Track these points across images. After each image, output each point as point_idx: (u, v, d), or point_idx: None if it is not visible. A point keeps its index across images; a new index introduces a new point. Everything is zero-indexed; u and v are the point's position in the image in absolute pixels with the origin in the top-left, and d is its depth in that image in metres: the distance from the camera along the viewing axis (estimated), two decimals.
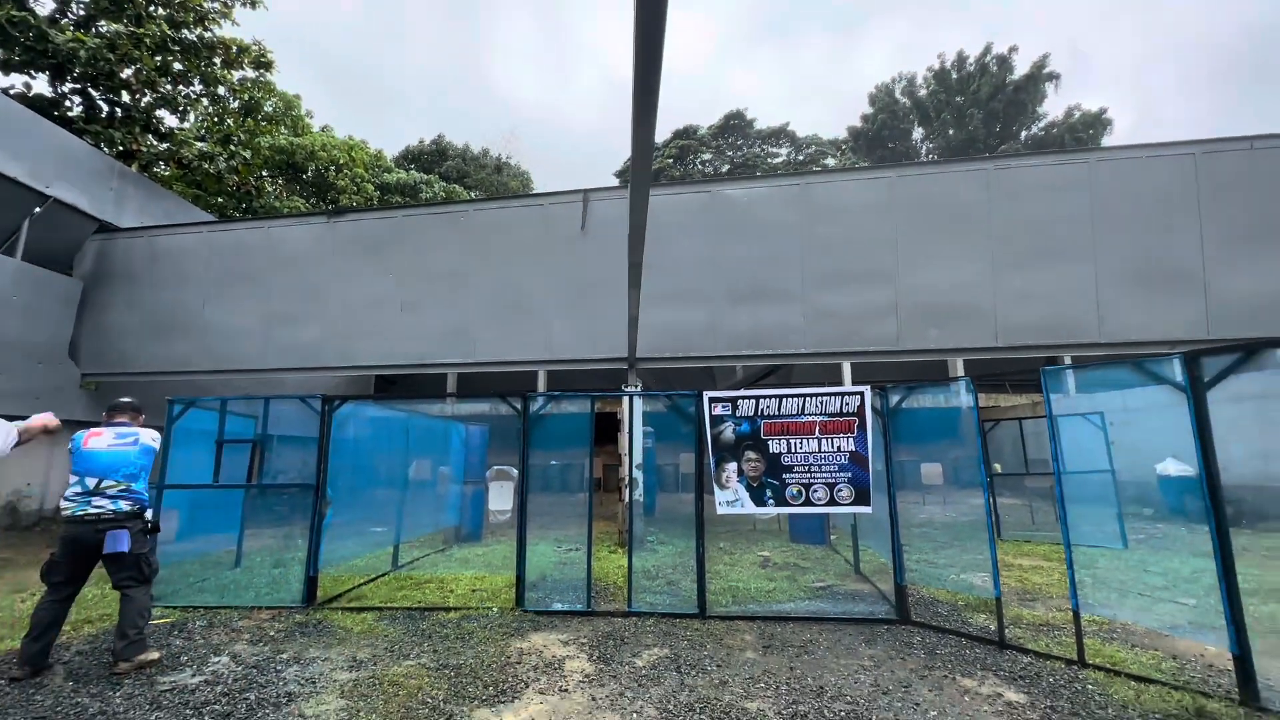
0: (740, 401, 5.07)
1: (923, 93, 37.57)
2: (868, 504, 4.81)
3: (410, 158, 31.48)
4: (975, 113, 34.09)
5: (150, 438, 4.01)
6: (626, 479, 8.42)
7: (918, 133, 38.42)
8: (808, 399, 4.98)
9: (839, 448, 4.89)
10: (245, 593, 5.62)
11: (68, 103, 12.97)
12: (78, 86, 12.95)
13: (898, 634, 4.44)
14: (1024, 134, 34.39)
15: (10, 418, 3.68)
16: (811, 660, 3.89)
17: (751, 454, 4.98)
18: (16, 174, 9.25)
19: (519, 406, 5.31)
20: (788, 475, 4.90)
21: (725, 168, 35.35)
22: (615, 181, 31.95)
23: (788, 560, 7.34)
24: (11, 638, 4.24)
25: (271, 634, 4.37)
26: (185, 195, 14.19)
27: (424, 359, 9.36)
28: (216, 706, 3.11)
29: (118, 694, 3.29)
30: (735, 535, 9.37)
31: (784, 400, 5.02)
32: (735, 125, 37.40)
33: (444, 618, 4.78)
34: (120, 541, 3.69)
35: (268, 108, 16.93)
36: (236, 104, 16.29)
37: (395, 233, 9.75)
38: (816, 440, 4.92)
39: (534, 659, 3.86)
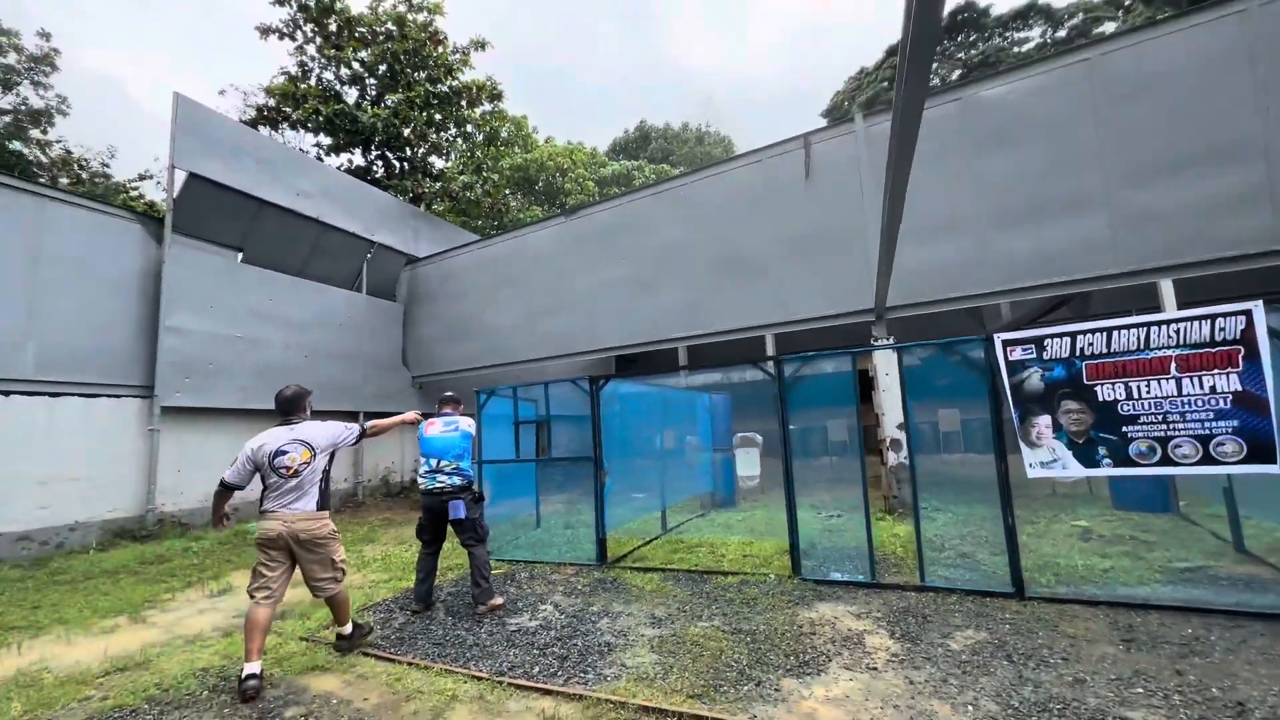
0: (1048, 342, 4.12)
1: None
2: (1272, 460, 3.51)
3: (618, 149, 33.37)
4: None
5: (467, 424, 4.83)
6: (888, 440, 7.71)
7: None
8: (1153, 328, 3.81)
9: (1212, 388, 3.65)
10: (549, 550, 6.55)
11: (373, 167, 16.64)
12: (379, 153, 16.52)
13: None
14: None
15: (369, 415, 4.71)
16: (1208, 665, 2.98)
17: (1071, 404, 4.02)
18: (355, 229, 12.11)
19: (773, 371, 5.12)
20: (1131, 428, 3.84)
21: (956, 73, 29.94)
22: (823, 123, 29.41)
23: (1117, 532, 5.91)
24: (404, 578, 5.56)
25: (579, 588, 4.97)
26: (455, 223, 17.14)
27: (660, 335, 9.79)
28: (554, 649, 3.60)
29: (482, 630, 4.04)
30: (1028, 500, 7.92)
31: (1114, 334, 3.93)
32: (965, 20, 31.36)
33: (723, 581, 4.90)
34: (458, 510, 4.52)
35: (503, 133, 19.44)
36: (481, 136, 19.02)
37: (621, 219, 10.32)
38: (1174, 381, 3.75)
39: (828, 631, 3.69)
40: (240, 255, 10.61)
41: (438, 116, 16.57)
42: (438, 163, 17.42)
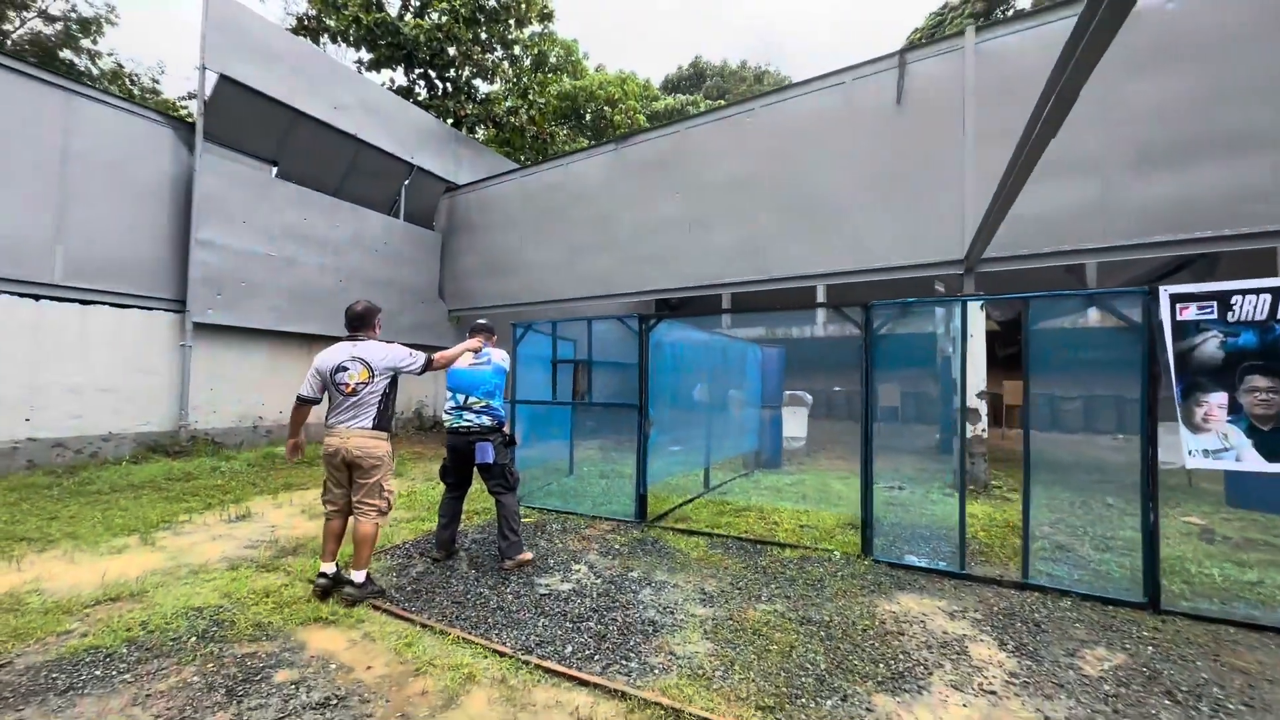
0: (1236, 299, 3.21)
1: None
2: None
3: (670, 86, 31.44)
4: None
5: (501, 358, 4.23)
6: (966, 409, 6.85)
7: None
8: None
9: None
10: (583, 500, 6.06)
11: (415, 87, 15.78)
12: (421, 72, 15.62)
13: None
14: None
15: (417, 346, 4.15)
16: None
17: (1260, 380, 3.14)
18: (394, 150, 11.46)
19: (861, 320, 4.32)
20: None
21: None
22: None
23: (1246, 535, 5.03)
24: (428, 519, 5.15)
25: (616, 547, 4.45)
26: (499, 153, 16.31)
27: (714, 279, 8.97)
28: (590, 624, 3.07)
29: (508, 589, 3.55)
30: (1116, 487, 7.01)
31: None
32: None
33: (780, 555, 4.30)
34: (486, 453, 3.98)
35: (552, 57, 18.20)
36: (529, 60, 17.84)
37: (678, 150, 9.35)
38: None
39: (918, 631, 3.05)
40: (274, 170, 10.12)
41: (484, 35, 15.48)
42: (482, 86, 16.46)
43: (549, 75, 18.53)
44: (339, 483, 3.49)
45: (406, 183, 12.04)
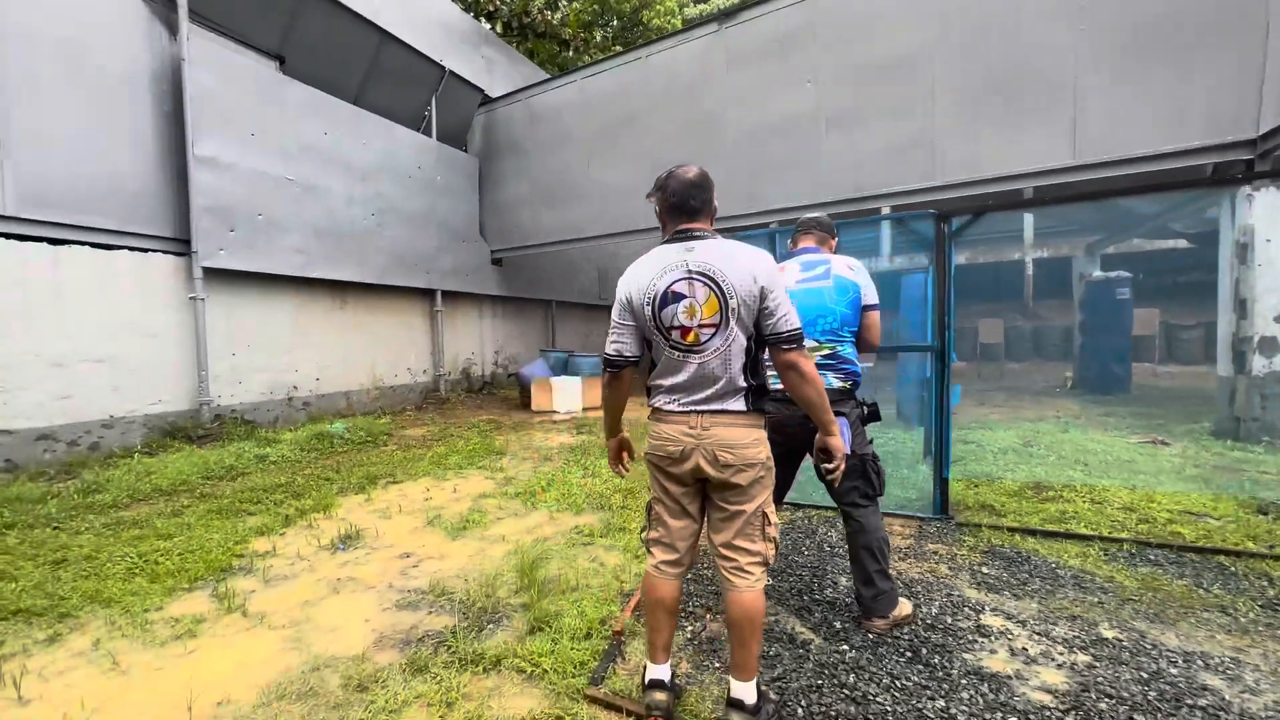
0: None
1: None
2: None
3: None
4: None
5: (848, 269, 2.43)
6: (1255, 339, 5.27)
7: None
8: None
9: None
10: (819, 486, 4.42)
11: None
12: None
13: None
14: None
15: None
16: None
17: None
18: (423, 48, 9.15)
19: None
20: None
21: None
22: None
23: None
24: (625, 530, 3.47)
25: (971, 565, 2.83)
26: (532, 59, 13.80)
27: (864, 190, 7.11)
28: None
29: (956, 698, 1.91)
30: None
31: None
32: None
33: (1235, 566, 2.72)
34: (842, 433, 2.25)
35: None
36: None
37: (807, 23, 7.27)
38: None
39: None
40: (278, 65, 7.83)
41: None
42: None
43: None
44: (681, 508, 1.82)
45: (438, 92, 9.76)
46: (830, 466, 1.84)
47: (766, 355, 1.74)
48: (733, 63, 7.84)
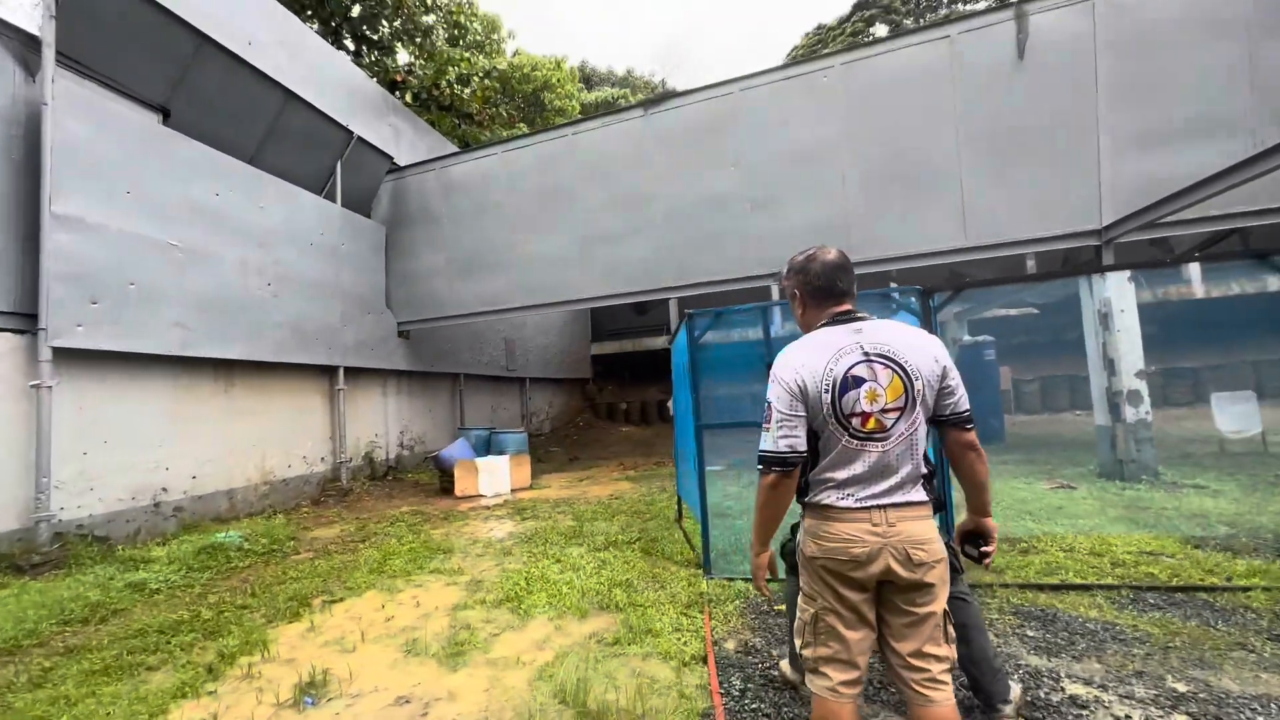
0: None
1: None
2: None
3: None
4: None
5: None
6: (1124, 392, 6.24)
7: None
8: None
9: None
10: None
11: (341, 34, 12.31)
12: (339, 21, 12.26)
13: None
14: None
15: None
16: None
17: None
18: (330, 110, 8.60)
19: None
20: None
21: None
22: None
23: None
24: (649, 640, 3.13)
25: (1003, 628, 2.88)
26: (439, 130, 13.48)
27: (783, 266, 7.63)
28: None
29: None
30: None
31: None
32: None
33: (1215, 600, 3.05)
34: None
35: (472, 33, 15.75)
36: (444, 34, 15.26)
37: (730, 114, 7.90)
38: None
39: None
40: (162, 118, 6.88)
41: None
42: (402, 56, 13.53)
43: (464, 54, 16.02)
44: (859, 617, 1.61)
45: (344, 157, 9.14)
46: (990, 549, 1.77)
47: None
48: (660, 143, 8.25)
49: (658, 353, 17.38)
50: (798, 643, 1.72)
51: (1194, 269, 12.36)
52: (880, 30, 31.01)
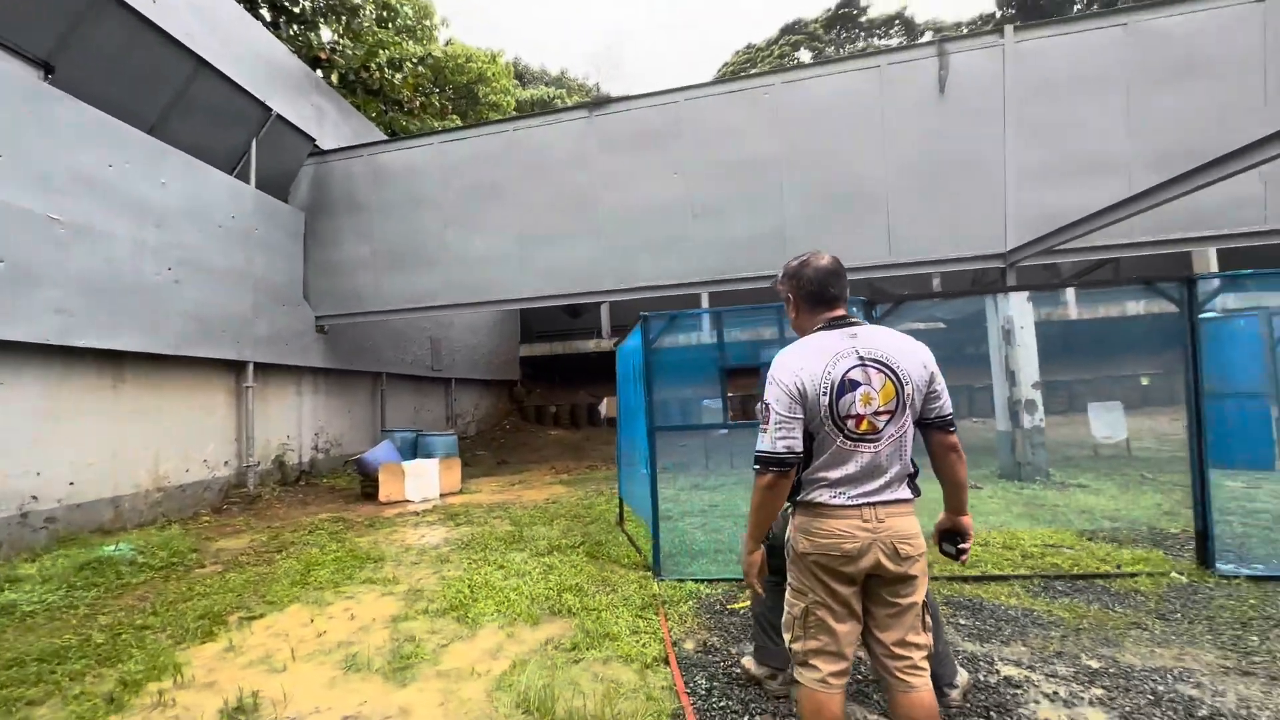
0: None
1: None
2: None
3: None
4: None
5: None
6: (1022, 401, 6.90)
7: None
8: None
9: None
10: (730, 557, 4.44)
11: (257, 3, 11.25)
12: None
13: None
14: None
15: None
16: None
17: None
18: (246, 83, 7.90)
19: (1177, 296, 3.70)
20: None
21: None
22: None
23: None
24: (593, 649, 3.10)
25: (957, 622, 3.10)
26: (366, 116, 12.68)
27: (727, 273, 7.86)
28: None
29: None
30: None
31: None
32: (845, 15, 33.24)
33: (1118, 586, 3.45)
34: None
35: (402, 14, 15.05)
36: (373, 14, 14.49)
37: (676, 121, 8.04)
38: None
39: None
40: (44, 74, 6.03)
41: None
42: (325, 33, 12.65)
43: (394, 38, 15.29)
44: (849, 610, 1.68)
45: (260, 135, 8.43)
46: (966, 546, 1.89)
47: None
48: (604, 147, 8.24)
49: (589, 355, 17.30)
50: (787, 637, 1.76)
51: (1069, 293, 14.02)
52: (805, 55, 32.70)
